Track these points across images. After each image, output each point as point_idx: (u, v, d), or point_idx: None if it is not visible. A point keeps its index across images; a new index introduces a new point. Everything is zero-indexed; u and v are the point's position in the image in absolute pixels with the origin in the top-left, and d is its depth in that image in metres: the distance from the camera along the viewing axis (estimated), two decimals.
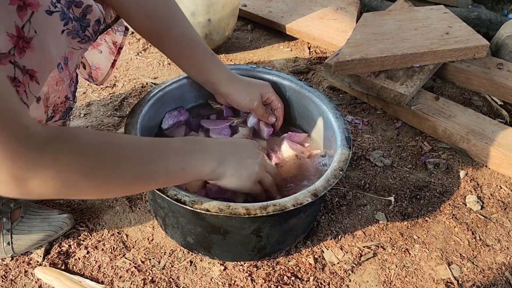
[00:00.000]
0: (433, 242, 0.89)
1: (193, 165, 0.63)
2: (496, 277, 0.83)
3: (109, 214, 0.90)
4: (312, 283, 0.79)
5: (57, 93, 0.64)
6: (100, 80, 0.92)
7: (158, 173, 0.60)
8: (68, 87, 0.67)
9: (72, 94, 0.71)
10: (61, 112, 0.69)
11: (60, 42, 0.60)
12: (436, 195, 0.98)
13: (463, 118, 1.12)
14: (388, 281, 0.81)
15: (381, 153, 1.09)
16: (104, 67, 0.90)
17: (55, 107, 0.66)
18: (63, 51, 0.62)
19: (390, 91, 1.15)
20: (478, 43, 1.26)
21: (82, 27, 0.65)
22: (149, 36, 0.81)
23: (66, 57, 0.64)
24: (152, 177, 0.59)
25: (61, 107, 0.68)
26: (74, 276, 0.78)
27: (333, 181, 0.70)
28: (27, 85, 0.56)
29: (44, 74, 0.58)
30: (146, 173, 0.58)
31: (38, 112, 0.62)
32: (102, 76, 0.92)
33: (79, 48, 0.66)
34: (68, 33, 0.62)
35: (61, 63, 0.62)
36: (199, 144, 0.66)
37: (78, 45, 0.65)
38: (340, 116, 0.85)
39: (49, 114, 0.65)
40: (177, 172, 0.62)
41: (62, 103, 0.67)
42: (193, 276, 0.80)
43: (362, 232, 0.90)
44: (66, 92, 0.67)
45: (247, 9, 1.64)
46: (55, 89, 0.63)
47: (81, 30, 0.65)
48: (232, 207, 0.64)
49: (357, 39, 1.27)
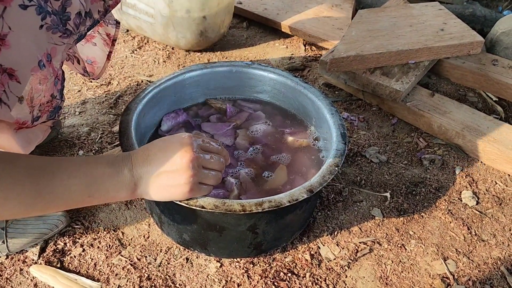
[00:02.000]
0: (429, 237, 0.89)
1: (104, 192, 0.58)
2: (491, 272, 0.83)
3: (104, 212, 0.89)
4: (308, 279, 0.79)
5: (41, 92, 0.61)
6: (97, 74, 0.91)
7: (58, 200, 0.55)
8: (53, 85, 0.64)
9: (59, 92, 0.68)
10: (48, 111, 0.66)
11: (39, 38, 0.58)
12: (431, 191, 0.99)
13: (458, 114, 1.13)
14: (385, 276, 0.81)
15: (376, 149, 1.09)
16: (99, 60, 0.89)
17: (41, 107, 0.63)
18: (44, 47, 0.60)
19: (386, 88, 1.15)
20: (473, 39, 1.27)
21: (62, 21, 0.62)
22: None
23: (49, 53, 0.61)
24: (52, 202, 0.54)
25: (48, 106, 0.65)
26: (70, 274, 0.78)
27: (329, 177, 0.70)
28: (6, 84, 0.53)
29: (24, 73, 0.56)
30: (44, 200, 0.53)
31: (22, 113, 0.59)
32: (98, 70, 0.90)
33: (62, 44, 0.64)
34: (47, 27, 0.59)
35: (42, 60, 0.59)
36: (109, 168, 0.58)
37: (60, 40, 0.63)
38: (336, 113, 0.85)
39: (35, 114, 0.63)
40: (84, 199, 0.57)
41: (49, 102, 0.65)
42: (189, 273, 0.80)
43: (358, 228, 0.90)
44: (52, 90, 0.64)
45: (242, 6, 1.64)
46: (39, 88, 0.60)
47: (61, 24, 0.62)
48: (227, 204, 0.64)
49: (352, 36, 1.27)
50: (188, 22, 1.32)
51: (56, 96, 0.67)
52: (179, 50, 1.45)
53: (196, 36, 1.37)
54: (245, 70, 0.96)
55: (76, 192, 0.55)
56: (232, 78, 0.98)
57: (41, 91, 0.62)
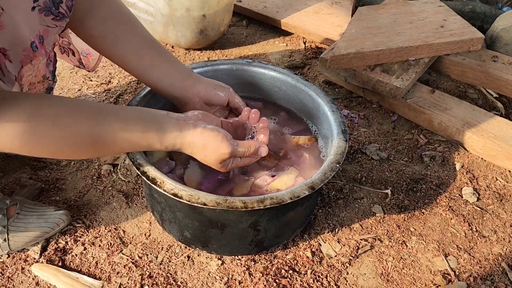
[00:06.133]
0: (430, 234, 0.89)
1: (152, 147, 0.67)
2: (492, 268, 0.83)
3: (105, 210, 0.89)
4: (309, 276, 0.79)
5: (32, 72, 0.63)
6: (92, 66, 0.91)
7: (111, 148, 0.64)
8: (45, 67, 0.66)
9: (51, 73, 0.70)
10: (39, 91, 0.68)
11: (31, 19, 0.59)
12: (432, 187, 0.99)
13: (459, 110, 1.13)
14: (386, 273, 0.81)
15: (377, 146, 1.09)
16: (94, 52, 0.90)
17: (31, 86, 0.65)
18: (36, 29, 0.61)
19: (386, 85, 1.15)
20: (473, 36, 1.26)
21: (55, 4, 0.63)
22: (103, 41, 0.76)
23: (41, 35, 0.62)
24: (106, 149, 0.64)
25: (39, 86, 0.67)
26: (71, 273, 0.78)
27: (330, 174, 0.70)
28: (3, 64, 0.55)
29: (16, 52, 0.57)
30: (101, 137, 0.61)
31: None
32: (93, 62, 0.91)
33: (55, 26, 0.65)
34: (39, 10, 0.60)
35: (35, 42, 0.60)
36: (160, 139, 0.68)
37: (52, 22, 0.64)
38: (336, 110, 0.85)
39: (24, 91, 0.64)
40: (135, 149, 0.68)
41: (40, 82, 0.66)
42: (190, 271, 0.80)
43: (359, 225, 0.90)
44: (44, 71, 0.66)
45: (242, 5, 1.63)
46: (30, 68, 0.62)
47: (53, 7, 0.63)
48: (229, 201, 0.64)
49: (352, 33, 1.27)
50: (188, 20, 1.32)
51: (48, 77, 0.69)
52: (179, 49, 1.45)
53: (196, 35, 1.37)
54: (245, 68, 0.96)
55: (126, 148, 0.66)
56: (233, 76, 0.97)
57: (32, 71, 0.63)
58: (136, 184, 0.96)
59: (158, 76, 0.79)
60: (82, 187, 0.94)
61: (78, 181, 0.96)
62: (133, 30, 0.76)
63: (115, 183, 0.95)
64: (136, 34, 0.77)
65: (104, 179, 0.96)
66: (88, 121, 0.60)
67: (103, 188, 0.94)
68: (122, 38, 0.75)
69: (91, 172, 0.98)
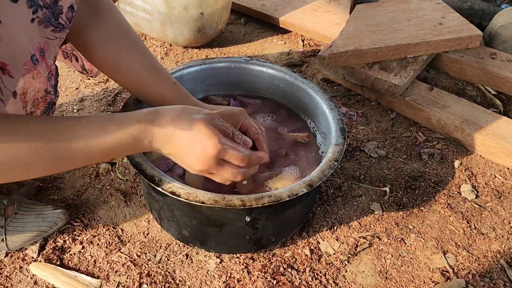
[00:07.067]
0: (429, 231, 0.89)
1: (121, 154, 0.62)
2: (491, 265, 0.84)
3: (104, 209, 0.89)
4: (308, 274, 0.79)
5: (35, 87, 0.61)
6: (95, 72, 0.91)
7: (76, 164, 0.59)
8: (47, 81, 0.64)
9: (53, 87, 0.68)
10: (42, 107, 0.66)
11: (31, 32, 0.57)
12: (431, 185, 0.99)
13: (457, 108, 1.13)
14: (384, 270, 0.81)
15: (375, 144, 1.09)
16: None
17: (34, 102, 0.63)
18: (36, 41, 0.59)
19: (384, 82, 1.15)
20: (471, 33, 1.26)
21: (55, 15, 0.61)
22: (105, 65, 0.75)
23: (42, 48, 0.60)
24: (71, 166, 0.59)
25: (42, 101, 0.65)
26: (69, 271, 0.78)
27: (328, 172, 0.70)
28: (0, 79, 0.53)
29: (17, 67, 0.55)
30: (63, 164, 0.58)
31: (16, 108, 0.59)
32: (96, 68, 0.90)
33: (54, 38, 0.63)
34: (39, 21, 0.58)
35: (35, 55, 0.58)
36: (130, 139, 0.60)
37: (52, 34, 0.62)
38: (335, 107, 0.85)
39: (28, 109, 0.62)
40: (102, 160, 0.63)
41: (43, 98, 0.65)
42: (189, 269, 0.80)
43: (357, 222, 0.90)
44: (46, 85, 0.64)
45: (240, 3, 1.63)
46: (32, 83, 0.60)
47: (53, 18, 0.61)
48: (227, 199, 0.64)
49: (350, 30, 1.27)
50: (185, 18, 1.32)
51: (50, 91, 0.67)
52: (177, 47, 1.45)
53: (193, 33, 1.36)
54: (243, 66, 0.96)
55: (94, 159, 0.60)
56: (231, 74, 0.97)
57: (35, 86, 0.61)
58: (134, 183, 0.95)
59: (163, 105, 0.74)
60: (80, 186, 0.94)
61: (76, 179, 0.95)
62: (133, 56, 0.74)
63: (113, 182, 0.95)
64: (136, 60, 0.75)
65: (102, 177, 0.96)
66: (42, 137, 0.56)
67: (101, 186, 0.94)
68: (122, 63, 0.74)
69: (89, 170, 0.97)
